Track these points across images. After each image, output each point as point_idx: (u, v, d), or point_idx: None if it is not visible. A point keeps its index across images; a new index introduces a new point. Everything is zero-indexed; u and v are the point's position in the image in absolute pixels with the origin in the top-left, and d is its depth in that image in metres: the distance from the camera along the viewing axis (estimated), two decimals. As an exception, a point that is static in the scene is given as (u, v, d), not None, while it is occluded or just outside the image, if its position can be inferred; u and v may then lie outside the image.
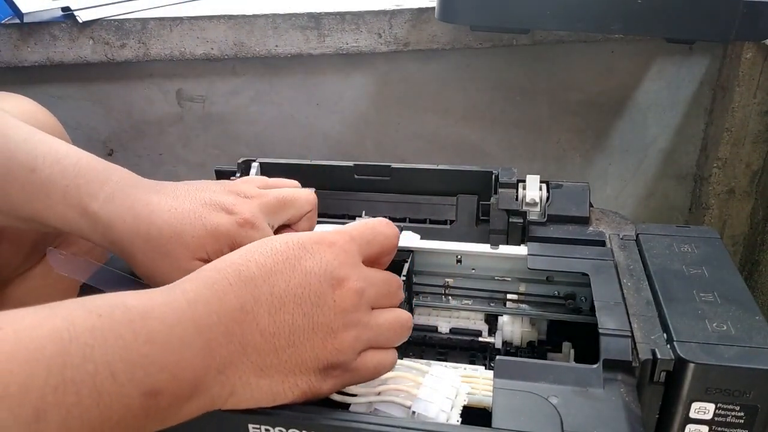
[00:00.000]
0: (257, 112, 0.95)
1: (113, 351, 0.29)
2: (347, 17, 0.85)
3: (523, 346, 0.51)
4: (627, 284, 0.46)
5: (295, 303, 0.35)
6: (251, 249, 0.36)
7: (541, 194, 0.55)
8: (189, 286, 0.34)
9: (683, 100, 0.98)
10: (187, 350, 0.32)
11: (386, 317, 0.38)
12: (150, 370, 0.30)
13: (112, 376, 0.29)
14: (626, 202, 1.06)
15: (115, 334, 0.30)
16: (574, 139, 1.01)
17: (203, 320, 0.33)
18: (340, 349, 0.35)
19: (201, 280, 0.35)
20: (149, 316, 0.31)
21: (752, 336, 0.39)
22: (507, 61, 0.94)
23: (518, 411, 0.36)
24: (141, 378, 0.30)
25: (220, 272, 0.35)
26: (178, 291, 0.34)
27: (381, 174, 0.60)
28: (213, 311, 0.33)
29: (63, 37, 0.82)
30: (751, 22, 0.70)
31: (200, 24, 0.84)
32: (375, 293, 0.38)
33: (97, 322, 0.29)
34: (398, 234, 0.42)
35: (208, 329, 0.33)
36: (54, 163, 0.44)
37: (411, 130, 0.98)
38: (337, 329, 0.35)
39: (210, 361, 0.32)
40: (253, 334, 0.34)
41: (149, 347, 0.30)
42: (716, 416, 0.37)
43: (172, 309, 0.32)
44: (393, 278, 0.40)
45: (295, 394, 0.35)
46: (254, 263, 0.35)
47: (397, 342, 0.39)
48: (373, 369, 0.38)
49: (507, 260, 0.52)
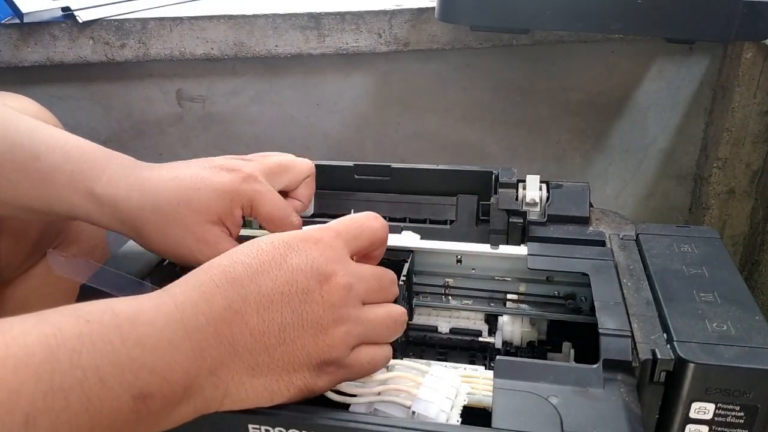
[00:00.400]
0: (257, 112, 0.95)
1: (102, 356, 0.29)
2: (347, 17, 0.85)
3: (523, 346, 0.51)
4: (627, 284, 0.46)
5: (283, 301, 0.35)
6: (237, 251, 0.37)
7: (541, 194, 0.55)
8: (177, 289, 0.34)
9: (683, 100, 0.98)
10: (177, 352, 0.32)
11: (378, 312, 0.38)
12: (140, 373, 0.30)
13: (101, 381, 0.29)
14: (626, 202, 1.06)
15: (104, 339, 0.30)
16: (574, 139, 1.01)
17: (191, 322, 0.33)
18: (331, 345, 0.35)
19: (189, 283, 0.35)
20: (137, 320, 0.31)
21: (752, 336, 0.39)
22: (507, 61, 0.94)
23: (518, 411, 0.36)
24: (130, 382, 0.30)
25: (206, 274, 0.35)
26: (167, 295, 0.34)
27: (381, 174, 0.60)
28: (201, 313, 0.33)
29: (63, 37, 0.82)
30: (751, 22, 0.70)
31: (200, 24, 0.84)
32: (365, 288, 0.38)
33: (84, 328, 0.30)
34: (386, 226, 0.41)
35: (196, 331, 0.33)
36: (57, 150, 0.44)
37: (411, 130, 0.98)
38: (328, 325, 0.35)
39: (201, 363, 0.32)
40: (243, 333, 0.34)
41: (138, 351, 0.30)
42: (716, 416, 0.37)
43: (160, 312, 0.32)
44: (385, 273, 0.40)
45: (291, 392, 0.35)
46: (240, 264, 0.35)
47: (389, 337, 0.39)
48: (367, 365, 0.37)
49: (507, 260, 0.52)
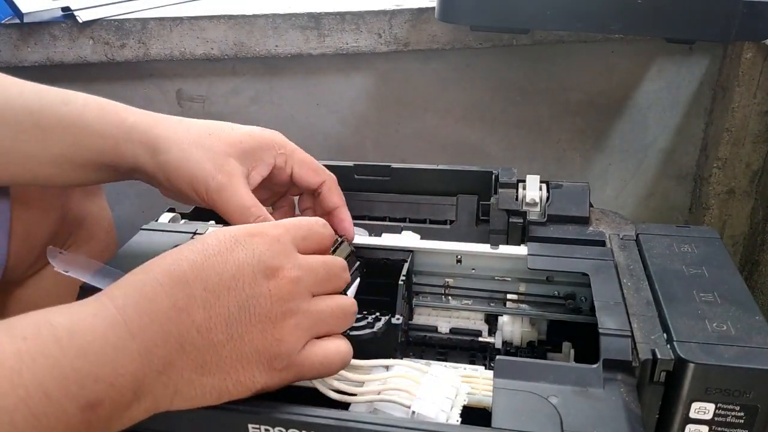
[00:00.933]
0: (257, 112, 0.95)
1: (43, 371, 0.29)
2: (347, 17, 0.85)
3: (523, 346, 0.51)
4: (627, 284, 0.46)
5: (229, 295, 0.34)
6: (182, 248, 0.36)
7: (541, 194, 0.55)
8: (117, 292, 0.34)
9: (683, 100, 0.98)
10: (123, 356, 0.31)
11: (328, 303, 0.38)
12: (85, 383, 0.30)
13: (46, 397, 0.29)
14: (626, 202, 1.06)
15: (44, 353, 0.29)
16: (574, 139, 1.01)
17: (135, 323, 0.32)
18: (280, 339, 0.35)
19: (129, 285, 0.34)
20: (77, 330, 0.31)
21: (752, 336, 0.39)
22: (507, 61, 0.94)
23: (518, 411, 0.36)
24: (76, 393, 0.29)
25: (148, 274, 0.34)
26: (106, 298, 0.33)
27: (381, 174, 0.60)
28: (144, 313, 0.33)
29: (63, 37, 0.82)
30: (751, 22, 0.70)
31: (200, 24, 0.84)
32: (313, 280, 0.37)
33: (22, 346, 0.29)
34: (333, 235, 0.41)
35: (141, 331, 0.32)
36: (88, 96, 0.46)
37: (411, 130, 0.98)
38: (276, 318, 0.35)
39: (148, 363, 0.32)
40: (189, 331, 0.33)
41: (81, 361, 0.30)
42: (716, 416, 0.37)
43: (101, 318, 0.32)
44: (334, 261, 0.40)
45: (239, 390, 0.35)
46: (185, 261, 0.35)
47: (339, 328, 0.38)
48: (319, 365, 0.37)
49: (507, 260, 0.52)
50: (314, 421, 0.35)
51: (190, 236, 0.54)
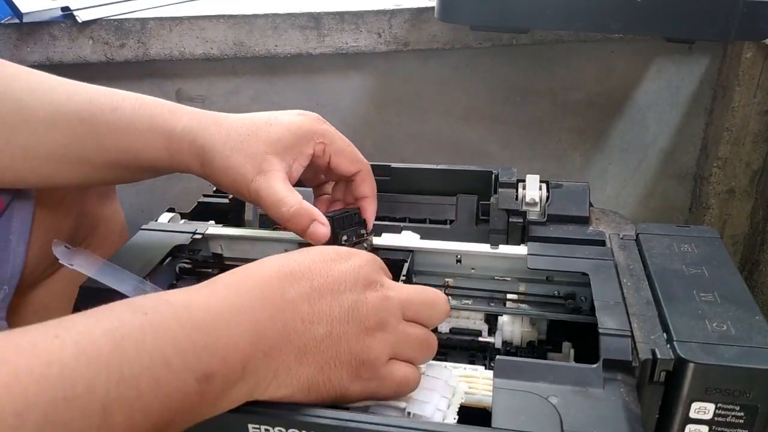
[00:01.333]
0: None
1: (164, 341, 0.31)
2: (347, 17, 0.85)
3: (523, 346, 0.51)
4: (627, 284, 0.46)
5: (332, 296, 0.37)
6: (290, 253, 0.40)
7: (541, 194, 0.55)
8: (229, 279, 0.36)
9: (683, 99, 0.98)
10: (234, 333, 0.33)
11: (415, 330, 0.39)
12: (201, 355, 0.32)
13: (167, 365, 0.31)
14: (626, 202, 1.06)
15: (164, 326, 0.32)
16: (574, 138, 1.01)
17: (247, 305, 0.35)
18: (370, 346, 0.37)
19: (242, 272, 0.37)
20: (192, 305, 0.33)
21: (752, 336, 0.39)
22: (507, 61, 0.94)
23: (518, 411, 0.36)
24: (193, 363, 0.31)
25: (258, 269, 0.37)
26: (220, 284, 0.36)
27: (381, 174, 0.60)
28: (256, 298, 0.35)
29: (62, 37, 0.82)
30: (751, 22, 0.70)
31: (200, 24, 0.84)
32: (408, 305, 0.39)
33: (144, 319, 0.31)
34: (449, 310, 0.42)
35: (252, 312, 0.34)
36: (134, 100, 0.48)
37: (411, 130, 0.98)
38: (369, 326, 0.37)
39: (257, 343, 0.34)
40: (294, 320, 0.35)
41: (197, 334, 0.32)
42: (716, 416, 0.37)
43: (215, 298, 0.34)
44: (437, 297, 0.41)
45: (327, 389, 0.36)
46: (293, 261, 0.38)
47: (420, 358, 0.40)
48: (397, 385, 0.38)
49: (507, 260, 0.52)
50: (314, 420, 0.35)
51: (189, 236, 0.54)
